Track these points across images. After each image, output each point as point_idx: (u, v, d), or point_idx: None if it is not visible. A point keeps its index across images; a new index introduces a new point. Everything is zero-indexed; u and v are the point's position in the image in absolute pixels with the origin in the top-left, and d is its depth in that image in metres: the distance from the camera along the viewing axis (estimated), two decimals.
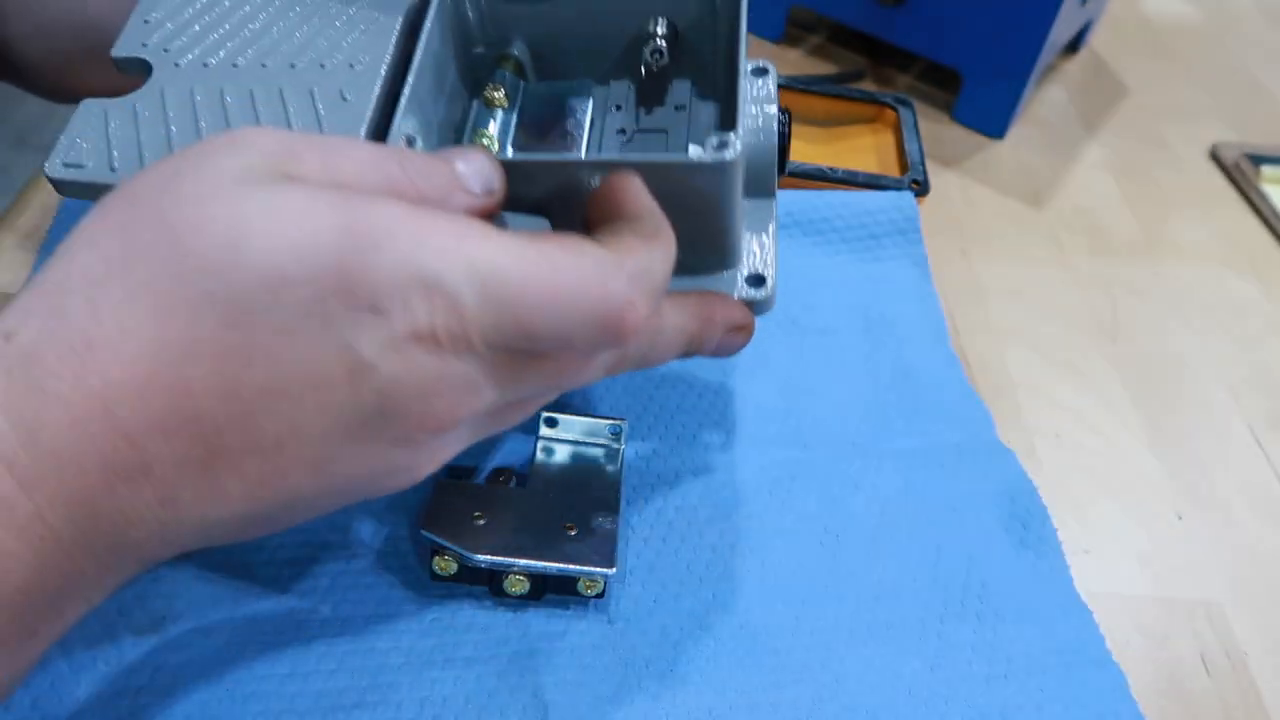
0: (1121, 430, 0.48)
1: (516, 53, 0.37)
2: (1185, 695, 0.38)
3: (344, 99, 0.33)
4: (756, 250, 0.35)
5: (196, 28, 0.35)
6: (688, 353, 0.31)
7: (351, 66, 0.34)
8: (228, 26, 0.35)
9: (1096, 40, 0.80)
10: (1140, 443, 0.48)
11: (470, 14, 0.37)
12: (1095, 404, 0.49)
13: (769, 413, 0.44)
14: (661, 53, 0.36)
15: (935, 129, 0.66)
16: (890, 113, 0.61)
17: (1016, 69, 0.64)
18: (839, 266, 0.51)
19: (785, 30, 0.72)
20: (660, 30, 0.36)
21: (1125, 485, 0.45)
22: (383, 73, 0.34)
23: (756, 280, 0.34)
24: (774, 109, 0.35)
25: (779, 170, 0.36)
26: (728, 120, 0.34)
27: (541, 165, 0.30)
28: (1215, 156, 0.69)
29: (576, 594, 0.35)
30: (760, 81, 0.36)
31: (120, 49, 0.35)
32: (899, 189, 0.54)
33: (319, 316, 0.23)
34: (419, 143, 0.30)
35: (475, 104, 0.37)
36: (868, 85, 0.69)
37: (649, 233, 0.27)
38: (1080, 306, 0.55)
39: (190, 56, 0.34)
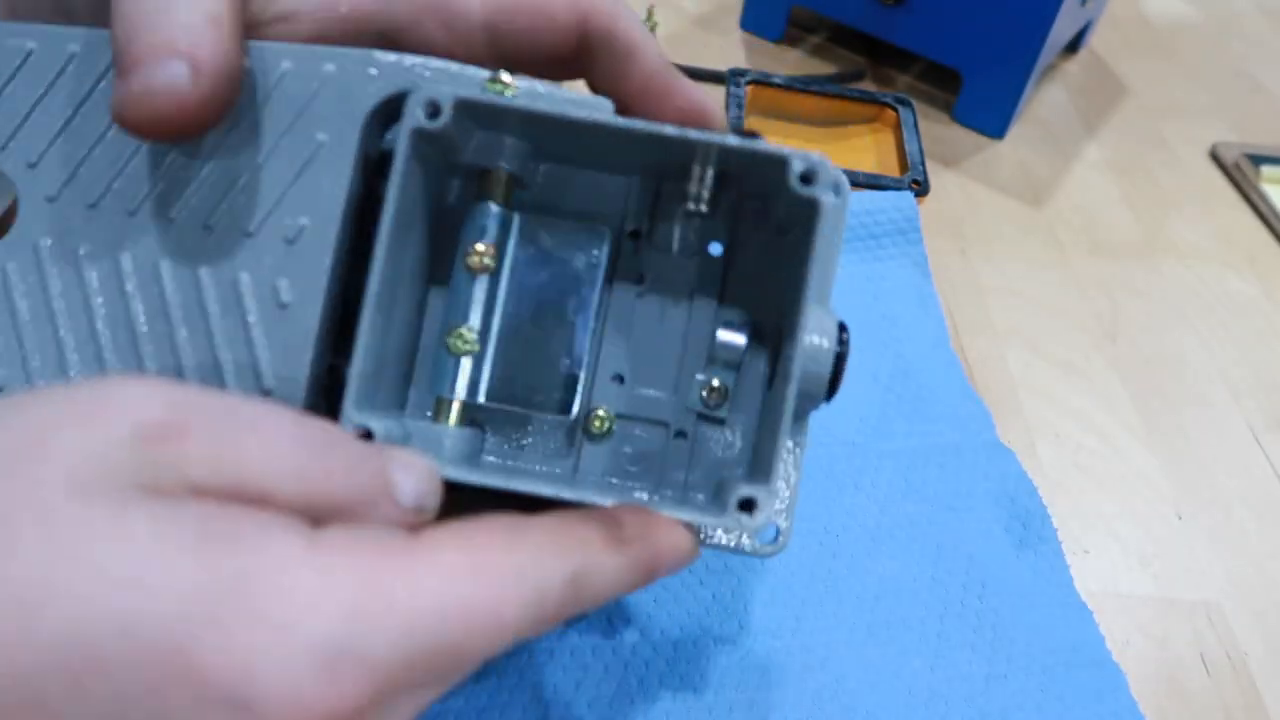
0: (1121, 430, 0.48)
1: (508, 167, 0.26)
2: (1185, 695, 0.38)
3: (281, 304, 0.25)
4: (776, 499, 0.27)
5: (62, 124, 0.25)
6: None
7: (289, 241, 0.25)
8: (114, 129, 0.25)
9: (1096, 40, 0.80)
10: (1140, 443, 0.48)
11: (455, 141, 0.25)
12: (1095, 404, 0.49)
13: None
14: (700, 215, 0.28)
15: (935, 129, 0.66)
16: (890, 113, 0.61)
17: (1016, 69, 0.64)
18: (839, 266, 0.51)
19: (785, 30, 0.72)
20: (703, 191, 0.27)
21: (1125, 485, 0.45)
22: (329, 256, 0.25)
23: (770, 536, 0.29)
24: (830, 343, 0.26)
25: (828, 396, 0.27)
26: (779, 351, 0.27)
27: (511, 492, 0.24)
28: (1215, 156, 0.69)
29: None
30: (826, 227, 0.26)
31: None
32: (899, 189, 0.54)
33: (145, 712, 0.17)
34: (379, 433, 0.23)
35: (457, 265, 0.27)
36: (868, 85, 0.69)
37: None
38: (1080, 306, 0.55)
39: (63, 182, 0.25)
